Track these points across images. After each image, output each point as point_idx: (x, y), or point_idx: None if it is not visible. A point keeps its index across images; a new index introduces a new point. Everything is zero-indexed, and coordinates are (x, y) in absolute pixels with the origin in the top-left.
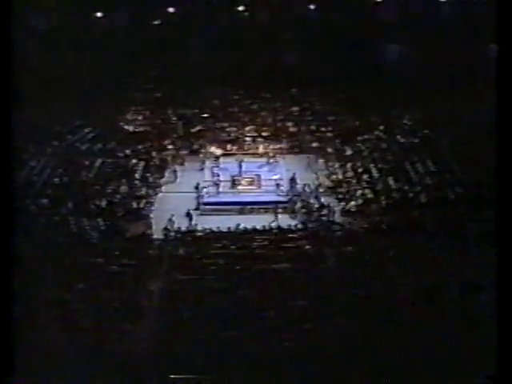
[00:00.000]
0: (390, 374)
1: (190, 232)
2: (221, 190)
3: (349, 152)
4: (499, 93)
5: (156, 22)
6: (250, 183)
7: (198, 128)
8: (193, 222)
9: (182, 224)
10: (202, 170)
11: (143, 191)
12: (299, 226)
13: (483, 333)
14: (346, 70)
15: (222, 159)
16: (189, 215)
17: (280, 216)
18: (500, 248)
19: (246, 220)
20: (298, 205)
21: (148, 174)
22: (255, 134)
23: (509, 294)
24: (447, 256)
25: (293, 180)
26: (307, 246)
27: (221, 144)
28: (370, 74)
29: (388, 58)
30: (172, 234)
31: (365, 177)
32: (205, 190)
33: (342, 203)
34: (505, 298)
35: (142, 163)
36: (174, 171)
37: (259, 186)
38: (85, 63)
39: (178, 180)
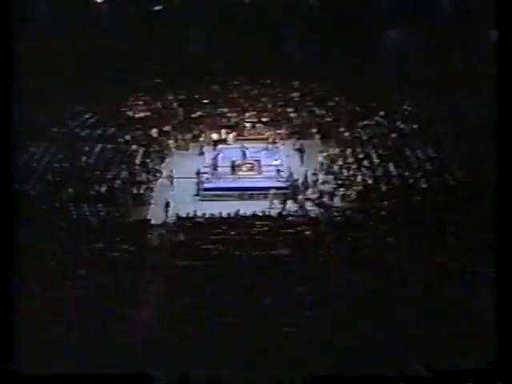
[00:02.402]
0: (390, 360)
1: (190, 218)
2: (221, 175)
3: (349, 138)
4: (499, 82)
5: (156, 8)
6: (250, 169)
7: (198, 114)
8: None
9: (181, 210)
10: (202, 155)
11: (143, 177)
12: (299, 211)
13: (483, 321)
14: (346, 56)
15: (222, 145)
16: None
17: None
18: (500, 235)
19: (246, 206)
20: (298, 191)
21: (148, 160)
22: (255, 120)
23: (508, 282)
24: (447, 242)
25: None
26: (307, 232)
27: (221, 130)
28: (371, 59)
29: (388, 44)
30: (172, 219)
31: (365, 163)
32: (205, 175)
33: (342, 189)
34: (504, 285)
35: (142, 149)
36: (171, 176)
37: (259, 172)
38: (85, 49)
39: (175, 185)
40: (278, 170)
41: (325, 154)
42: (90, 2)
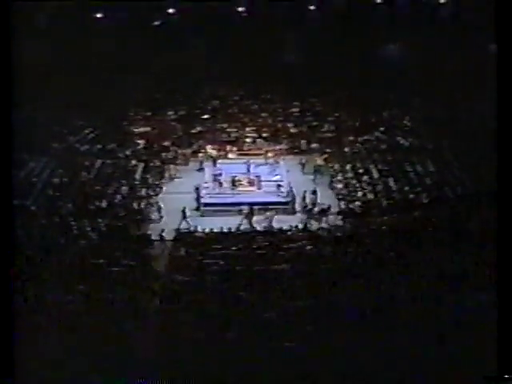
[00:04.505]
0: (390, 374)
1: (191, 233)
2: (221, 190)
3: (349, 153)
4: (499, 92)
5: (156, 23)
6: (250, 184)
7: (198, 129)
8: (187, 219)
9: (181, 225)
10: (202, 170)
11: (143, 192)
12: (299, 226)
13: (484, 333)
14: (347, 71)
15: (222, 160)
16: (183, 213)
17: (254, 218)
18: (500, 248)
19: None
20: (298, 206)
21: (148, 175)
22: (255, 135)
23: (509, 294)
24: (448, 257)
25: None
26: (308, 247)
27: (221, 145)
28: (371, 74)
29: (389, 59)
30: (172, 234)
31: (365, 177)
32: (204, 190)
33: (343, 204)
34: (505, 297)
35: (142, 164)
36: (159, 208)
37: (259, 187)
38: (85, 64)
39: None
40: (278, 185)
41: (325, 169)
42: (89, 17)
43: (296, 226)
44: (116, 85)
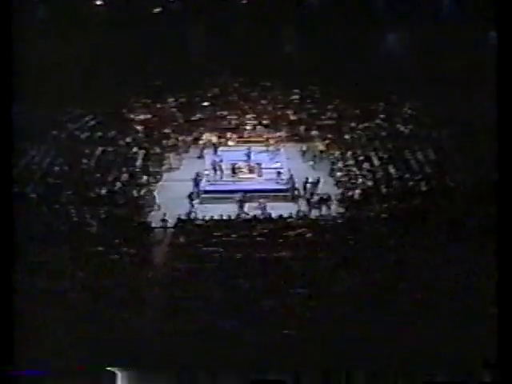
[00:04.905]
0: (390, 363)
1: (191, 220)
2: (221, 178)
3: (349, 140)
4: (499, 82)
5: (156, 11)
6: (251, 171)
7: (198, 116)
8: (194, 204)
9: (182, 212)
10: (202, 157)
11: (144, 179)
12: (300, 214)
13: (483, 324)
14: (347, 58)
15: (222, 147)
16: (190, 197)
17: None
18: (501, 236)
19: (247, 208)
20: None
21: (149, 163)
22: (255, 122)
23: (509, 287)
24: (448, 245)
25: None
26: (308, 235)
27: (221, 132)
28: (371, 62)
29: (389, 47)
30: (172, 222)
31: (365, 165)
32: (205, 178)
33: (343, 191)
34: (505, 290)
35: (142, 151)
36: (154, 197)
37: (259, 174)
38: (84, 51)
39: (175, 188)
40: (279, 173)
41: (325, 157)
42: (89, 4)
43: (296, 214)
44: (116, 72)
